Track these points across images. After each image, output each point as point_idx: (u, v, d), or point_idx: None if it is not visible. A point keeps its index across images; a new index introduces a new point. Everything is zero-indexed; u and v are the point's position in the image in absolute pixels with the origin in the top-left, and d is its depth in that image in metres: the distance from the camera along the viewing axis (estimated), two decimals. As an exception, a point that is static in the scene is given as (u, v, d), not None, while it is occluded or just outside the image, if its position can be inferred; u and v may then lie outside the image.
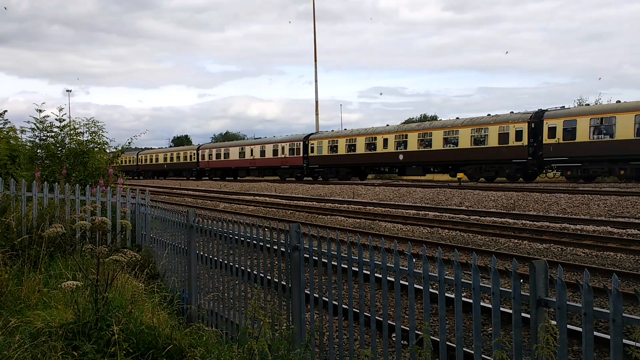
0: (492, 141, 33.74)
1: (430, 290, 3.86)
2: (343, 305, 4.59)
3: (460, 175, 35.47)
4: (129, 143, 13.72)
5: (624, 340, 2.79)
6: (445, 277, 3.64)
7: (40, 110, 11.92)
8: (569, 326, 3.32)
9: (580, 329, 2.89)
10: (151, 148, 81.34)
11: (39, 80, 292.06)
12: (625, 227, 15.21)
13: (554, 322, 2.94)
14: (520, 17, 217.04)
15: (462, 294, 3.59)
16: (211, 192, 38.52)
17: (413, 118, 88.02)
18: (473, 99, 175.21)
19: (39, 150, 12.24)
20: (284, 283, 5.26)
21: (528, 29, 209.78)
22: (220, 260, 6.28)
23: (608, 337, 3.03)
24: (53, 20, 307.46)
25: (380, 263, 4.14)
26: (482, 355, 3.57)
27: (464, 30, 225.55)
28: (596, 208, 19.42)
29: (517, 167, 33.16)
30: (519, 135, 32.52)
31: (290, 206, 25.32)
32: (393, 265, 4.01)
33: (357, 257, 4.37)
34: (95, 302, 4.33)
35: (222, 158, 60.25)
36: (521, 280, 3.21)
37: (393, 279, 4.11)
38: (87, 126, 12.28)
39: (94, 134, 12.27)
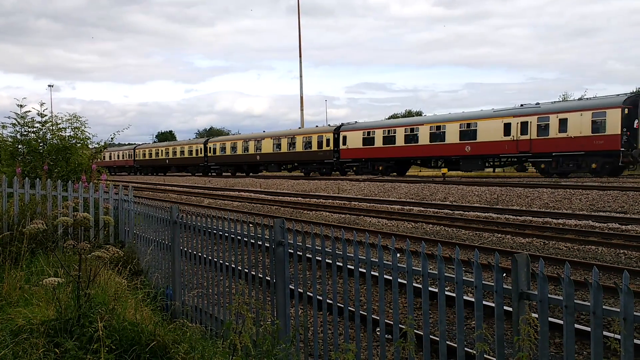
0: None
1: (414, 284, 3.88)
2: (327, 300, 4.60)
3: (444, 170, 35.99)
4: (112, 138, 13.61)
5: (604, 333, 2.83)
6: (429, 271, 3.66)
7: (21, 106, 11.77)
8: (550, 319, 3.36)
9: (562, 322, 2.92)
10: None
11: (24, 75, 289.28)
12: (606, 221, 15.41)
13: (535, 315, 2.97)
14: (510, 12, 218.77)
15: (446, 288, 3.61)
16: (195, 187, 38.33)
17: (398, 114, 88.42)
18: (460, 95, 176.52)
19: (20, 146, 12.08)
20: (269, 278, 5.25)
21: (517, 25, 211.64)
22: (205, 256, 6.26)
23: (589, 329, 3.07)
24: (40, 15, 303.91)
25: (364, 258, 4.15)
26: (465, 348, 3.60)
27: (454, 26, 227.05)
28: (578, 202, 19.65)
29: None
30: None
31: (275, 202, 25.28)
32: (377, 260, 4.02)
33: (341, 252, 4.38)
34: (77, 298, 4.29)
35: (104, 159, 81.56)
36: (504, 274, 3.24)
37: (377, 274, 4.12)
38: (70, 122, 12.16)
39: (76, 130, 12.15)
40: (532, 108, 32.87)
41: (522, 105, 34.22)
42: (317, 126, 50.25)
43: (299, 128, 51.80)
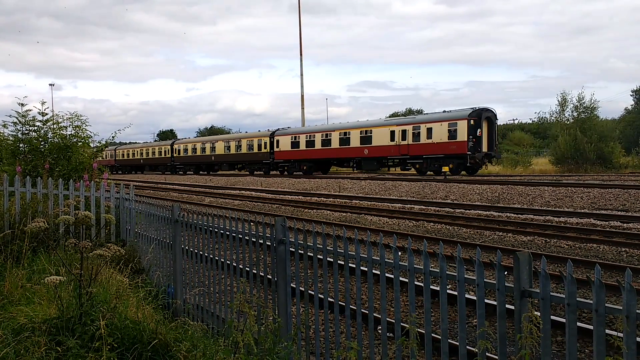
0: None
1: (416, 282, 3.87)
2: (329, 299, 4.60)
3: (445, 168, 36.21)
4: (113, 137, 13.61)
5: (607, 330, 2.82)
6: (431, 269, 3.65)
7: (22, 104, 11.76)
8: (552, 317, 3.36)
9: (564, 320, 2.92)
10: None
11: (25, 74, 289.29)
12: (608, 219, 15.39)
13: (538, 313, 2.97)
14: (512, 10, 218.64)
15: (448, 286, 3.61)
16: (197, 186, 38.35)
17: (399, 112, 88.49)
18: (461, 93, 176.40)
19: (21, 145, 12.08)
20: (270, 277, 5.25)
21: (519, 23, 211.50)
22: (206, 254, 6.26)
23: (591, 327, 3.06)
24: (42, 13, 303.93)
25: (366, 256, 4.15)
26: (467, 347, 3.59)
27: (456, 24, 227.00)
28: (579, 201, 19.63)
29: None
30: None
31: (276, 200, 25.29)
32: (379, 259, 4.01)
33: (342, 251, 4.37)
34: (79, 297, 4.29)
35: None
36: (505, 272, 3.23)
37: (379, 272, 4.12)
38: (71, 120, 12.15)
39: (77, 128, 12.14)
40: (410, 118, 40.13)
41: (405, 115, 41.77)
42: (259, 131, 55.19)
43: (246, 132, 57.69)
